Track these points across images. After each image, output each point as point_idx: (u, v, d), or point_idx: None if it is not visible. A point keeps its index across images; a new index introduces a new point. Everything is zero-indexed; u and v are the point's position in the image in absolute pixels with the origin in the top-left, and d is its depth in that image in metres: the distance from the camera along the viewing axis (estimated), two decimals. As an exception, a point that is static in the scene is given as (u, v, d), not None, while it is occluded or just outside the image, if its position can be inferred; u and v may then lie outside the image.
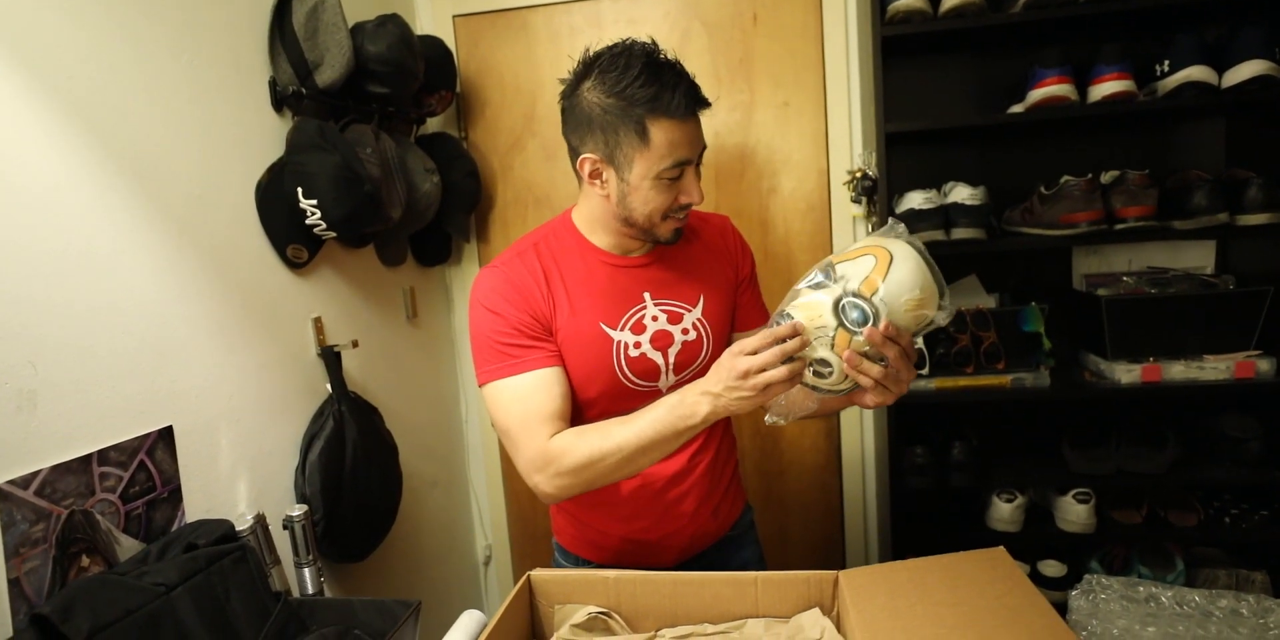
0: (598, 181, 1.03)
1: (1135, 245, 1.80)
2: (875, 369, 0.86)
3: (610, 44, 1.00)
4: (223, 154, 1.27)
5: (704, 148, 1.03)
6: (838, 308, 0.87)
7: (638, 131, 0.96)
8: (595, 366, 1.08)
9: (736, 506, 1.29)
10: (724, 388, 0.89)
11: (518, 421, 1.02)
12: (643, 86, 0.94)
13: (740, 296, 1.21)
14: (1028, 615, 0.84)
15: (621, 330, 1.09)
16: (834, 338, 0.87)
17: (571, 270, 1.10)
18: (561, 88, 1.04)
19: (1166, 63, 1.57)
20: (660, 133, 0.96)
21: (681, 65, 0.99)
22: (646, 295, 1.11)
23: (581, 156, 1.02)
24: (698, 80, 1.01)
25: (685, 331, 1.12)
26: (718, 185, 1.96)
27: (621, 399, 1.09)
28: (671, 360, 1.11)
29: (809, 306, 0.88)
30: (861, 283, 0.87)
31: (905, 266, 0.87)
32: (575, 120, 1.01)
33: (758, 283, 1.25)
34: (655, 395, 1.04)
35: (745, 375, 0.87)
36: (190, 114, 1.20)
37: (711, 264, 1.17)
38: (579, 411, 1.11)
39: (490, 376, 1.05)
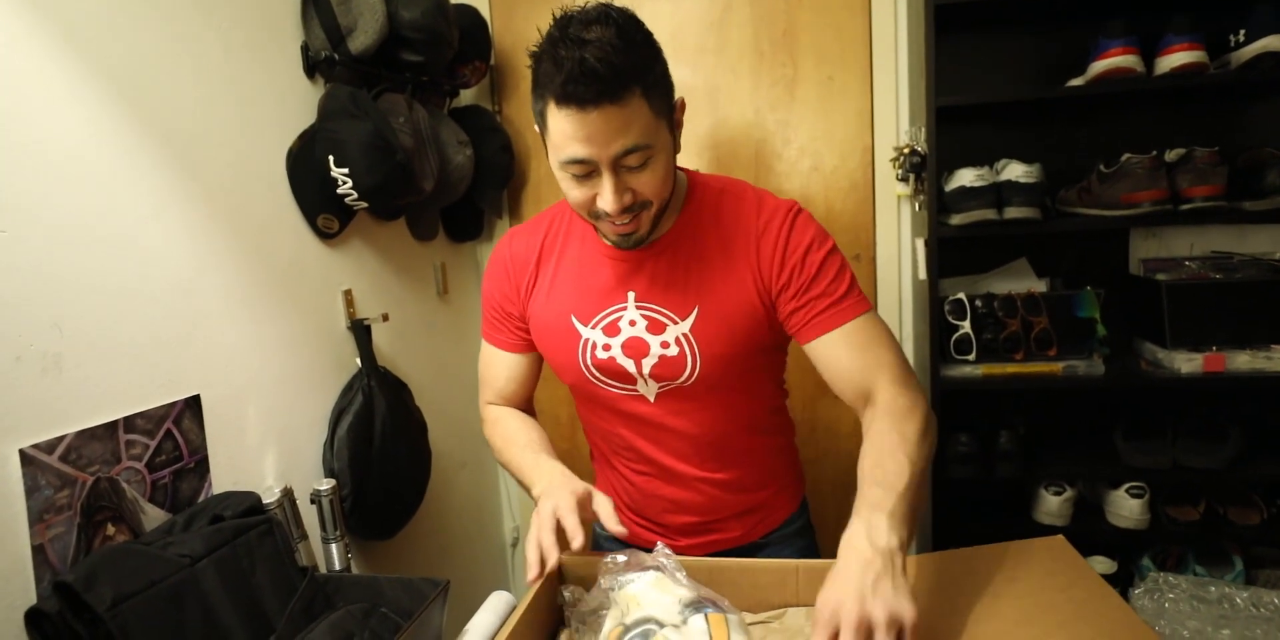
0: None
1: (1197, 229, 1.71)
2: None
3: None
4: (253, 119, 1.24)
5: (634, 149, 0.82)
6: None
7: (540, 112, 0.83)
8: (563, 358, 1.04)
9: (768, 522, 1.15)
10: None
11: (481, 377, 1.16)
12: (547, 62, 0.79)
13: (789, 304, 0.96)
14: (1098, 609, 0.78)
15: (593, 328, 1.00)
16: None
17: (570, 254, 1.03)
18: None
19: (1242, 32, 1.48)
20: (553, 120, 0.81)
21: (602, 41, 0.77)
22: (631, 295, 0.98)
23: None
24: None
25: (665, 345, 0.97)
26: (758, 162, 1.89)
27: (598, 394, 1.05)
28: (646, 371, 0.99)
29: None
30: None
31: None
32: None
33: (831, 280, 0.96)
34: (638, 399, 1.03)
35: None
36: (221, 78, 1.17)
37: (725, 272, 0.96)
38: (577, 394, 1.11)
39: (481, 332, 1.14)
